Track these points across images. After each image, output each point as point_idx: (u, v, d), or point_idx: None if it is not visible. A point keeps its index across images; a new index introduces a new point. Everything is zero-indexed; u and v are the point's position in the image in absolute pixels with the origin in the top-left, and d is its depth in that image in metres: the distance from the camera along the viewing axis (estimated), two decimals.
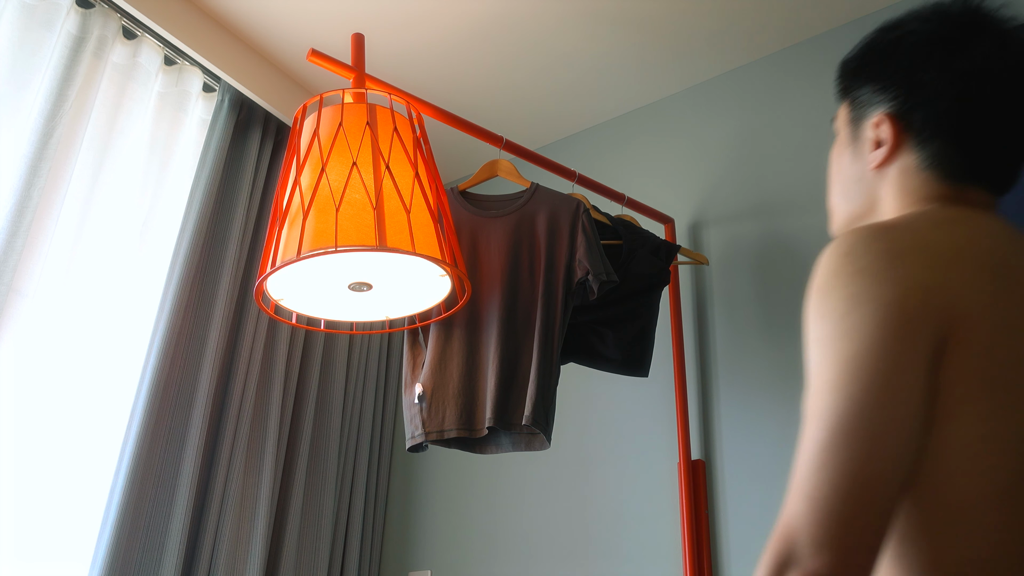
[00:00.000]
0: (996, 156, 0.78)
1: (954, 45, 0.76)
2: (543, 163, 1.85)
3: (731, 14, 2.11)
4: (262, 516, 2.05)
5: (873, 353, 0.62)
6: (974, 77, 0.75)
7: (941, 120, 0.77)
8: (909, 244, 0.67)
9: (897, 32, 0.80)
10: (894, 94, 0.80)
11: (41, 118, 1.77)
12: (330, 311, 1.52)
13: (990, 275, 0.66)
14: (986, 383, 0.62)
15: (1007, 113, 0.76)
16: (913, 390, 0.61)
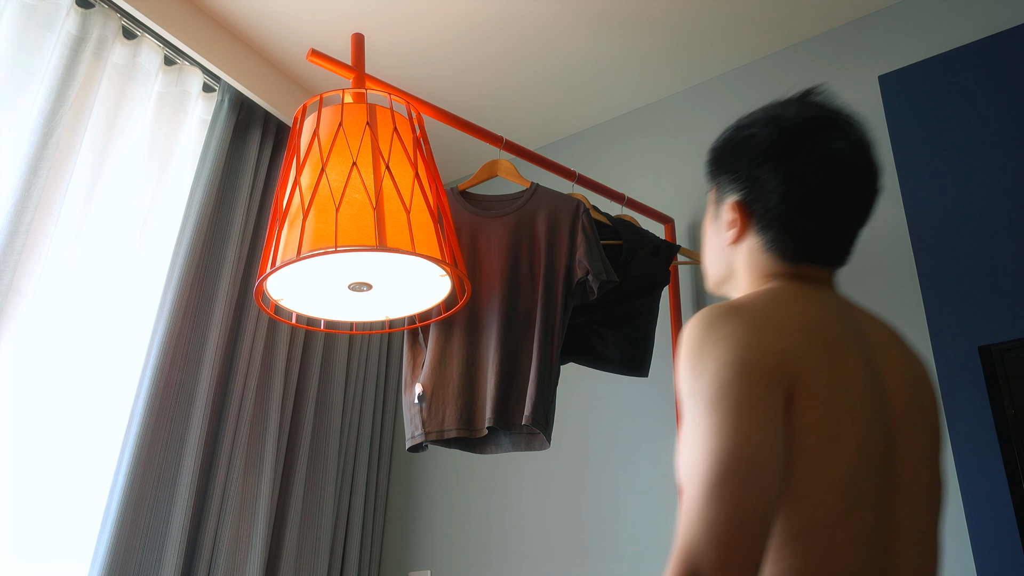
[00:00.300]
0: (824, 243, 0.92)
1: (785, 149, 0.90)
2: (543, 163, 1.85)
3: (731, 14, 2.11)
4: (262, 516, 2.05)
5: (745, 405, 0.75)
6: (800, 178, 0.89)
7: (774, 213, 0.92)
8: (760, 318, 0.81)
9: (746, 132, 0.95)
10: (740, 186, 0.95)
11: (41, 118, 1.77)
12: (330, 311, 1.52)
13: (820, 344, 0.81)
14: (822, 432, 0.77)
15: (830, 208, 0.90)
16: (776, 432, 0.75)
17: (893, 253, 1.85)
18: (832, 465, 0.76)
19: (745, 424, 0.73)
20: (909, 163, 1.71)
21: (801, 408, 0.77)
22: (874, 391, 0.84)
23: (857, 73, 2.06)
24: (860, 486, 0.78)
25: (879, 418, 0.83)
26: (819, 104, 0.94)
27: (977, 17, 1.90)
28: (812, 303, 0.86)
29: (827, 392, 0.79)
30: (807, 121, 0.91)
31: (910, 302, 1.80)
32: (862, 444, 0.79)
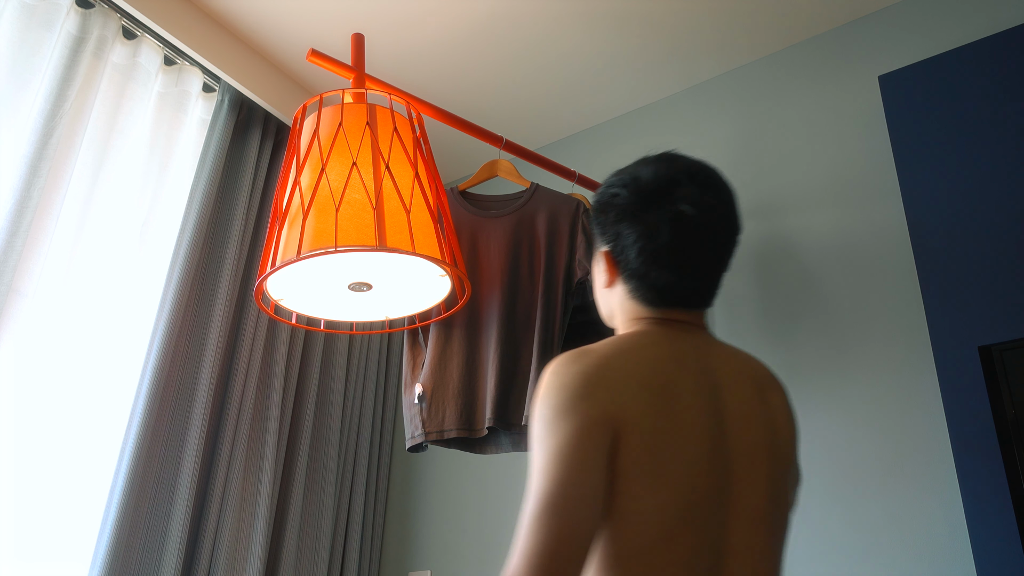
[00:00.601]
0: (679, 292, 1.02)
1: (639, 210, 1.01)
2: (543, 163, 1.85)
3: (731, 14, 2.11)
4: (262, 516, 2.05)
5: (569, 449, 0.86)
6: (652, 237, 1.00)
7: (633, 266, 1.03)
8: (595, 370, 0.91)
9: (612, 191, 1.06)
10: (608, 239, 1.06)
11: (41, 118, 1.77)
12: (330, 311, 1.52)
13: (651, 391, 0.91)
14: (643, 469, 0.88)
15: (681, 263, 1.00)
16: (596, 474, 0.85)
17: (893, 253, 1.85)
18: (654, 497, 0.87)
19: (564, 467, 0.85)
20: (909, 163, 1.71)
21: (625, 449, 0.88)
22: (711, 429, 0.94)
23: (857, 73, 2.06)
24: (685, 515, 0.88)
25: (715, 453, 0.93)
26: (672, 166, 1.03)
27: (977, 17, 1.90)
28: (660, 349, 0.97)
29: (651, 434, 0.89)
30: (658, 183, 1.01)
31: (910, 302, 1.80)
32: (688, 478, 0.89)
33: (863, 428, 1.77)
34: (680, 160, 1.04)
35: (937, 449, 1.66)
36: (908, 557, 1.63)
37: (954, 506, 1.61)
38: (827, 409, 1.83)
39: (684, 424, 0.91)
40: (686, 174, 1.02)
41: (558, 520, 0.82)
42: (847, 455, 1.77)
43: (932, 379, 1.71)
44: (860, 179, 1.96)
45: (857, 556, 1.69)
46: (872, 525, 1.69)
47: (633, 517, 0.87)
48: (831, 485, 1.77)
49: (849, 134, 2.02)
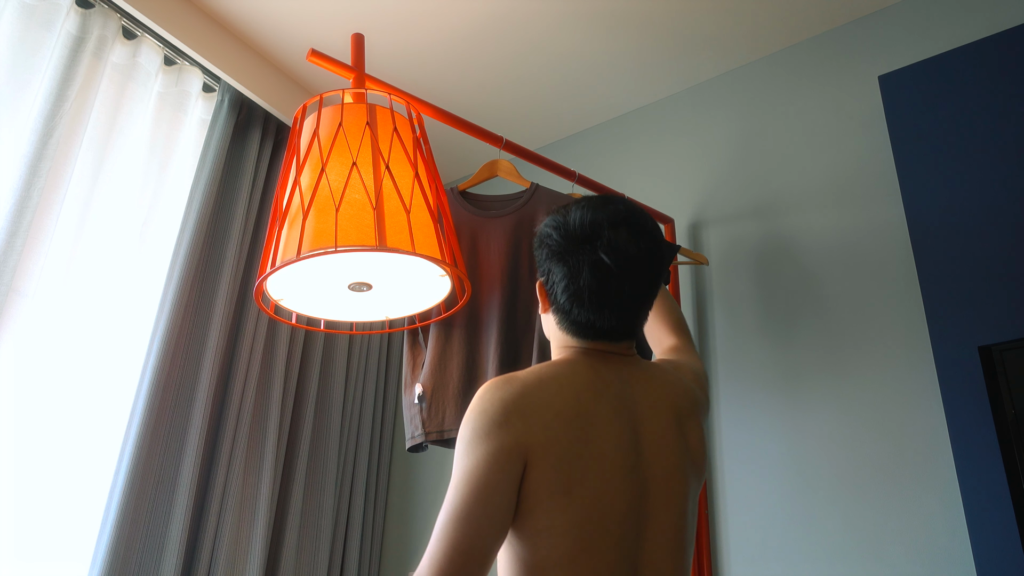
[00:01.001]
0: (599, 328, 1.10)
1: (564, 253, 1.10)
2: (543, 163, 1.84)
3: (731, 14, 2.11)
4: (262, 516, 2.05)
5: (479, 470, 0.97)
6: (574, 278, 1.08)
7: (559, 302, 1.11)
8: (514, 399, 1.01)
9: (547, 230, 1.13)
10: (542, 273, 1.15)
11: (41, 118, 1.77)
12: (330, 311, 1.52)
13: (562, 423, 1.00)
14: (552, 491, 0.97)
15: (600, 304, 1.08)
16: (500, 496, 0.95)
17: (893, 253, 1.85)
18: (565, 515, 0.97)
19: (472, 487, 0.95)
20: (909, 163, 1.71)
21: (536, 473, 0.98)
22: (626, 455, 1.03)
23: (857, 73, 2.06)
24: (600, 532, 0.98)
25: (631, 477, 1.03)
26: (598, 213, 1.10)
27: (977, 17, 1.90)
28: (580, 379, 1.06)
29: (561, 459, 0.98)
30: (582, 230, 1.09)
31: (910, 302, 1.80)
32: (600, 499, 0.99)
33: (863, 428, 1.77)
34: (608, 207, 1.11)
35: (937, 449, 1.66)
36: (908, 557, 1.63)
37: (954, 506, 1.61)
38: (827, 409, 1.83)
39: (597, 450, 1.01)
40: (609, 222, 1.09)
41: (461, 533, 0.93)
42: (847, 455, 1.77)
43: (932, 379, 1.71)
44: (860, 179, 1.96)
45: (857, 556, 1.69)
46: (872, 525, 1.69)
47: (546, 532, 0.97)
48: (831, 485, 1.77)
49: (849, 134, 2.02)
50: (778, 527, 1.81)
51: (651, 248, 1.11)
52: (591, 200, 1.14)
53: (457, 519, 0.94)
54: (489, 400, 1.02)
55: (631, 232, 1.09)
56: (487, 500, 0.95)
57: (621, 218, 1.10)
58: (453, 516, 0.95)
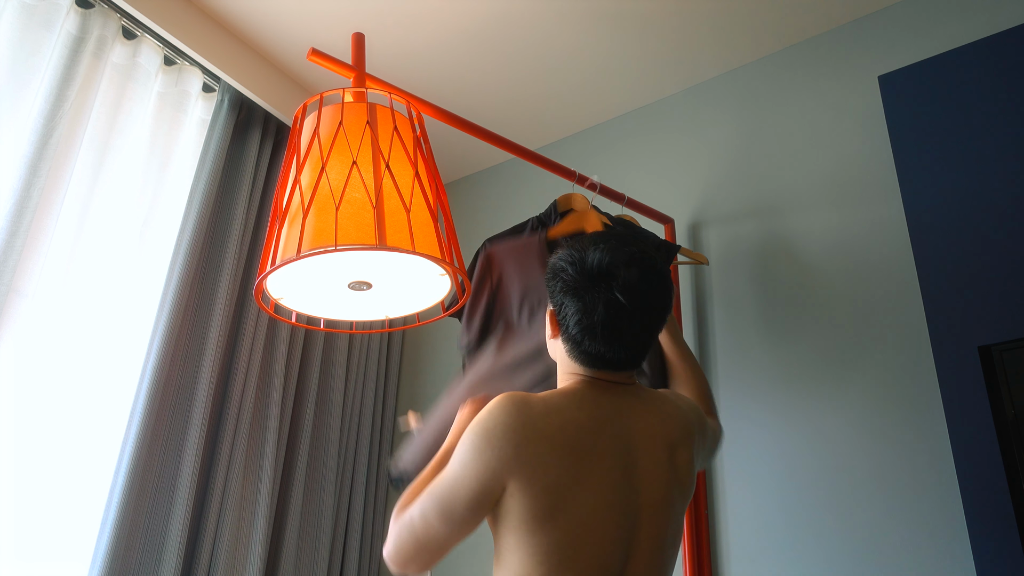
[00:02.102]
0: (608, 360, 1.18)
1: (579, 290, 1.17)
2: (543, 163, 1.84)
3: (731, 14, 2.11)
4: (262, 516, 2.05)
5: (458, 481, 1.09)
6: (588, 314, 1.16)
7: (571, 334, 1.18)
8: (515, 423, 1.09)
9: (561, 265, 1.21)
10: (554, 303, 1.22)
11: (41, 118, 1.77)
12: (330, 310, 1.52)
13: (556, 455, 1.09)
14: (536, 516, 1.07)
15: (611, 339, 1.16)
16: (463, 505, 1.09)
17: (893, 253, 1.85)
18: (548, 537, 1.07)
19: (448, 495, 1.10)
20: (909, 163, 1.71)
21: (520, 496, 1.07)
22: (619, 484, 1.12)
23: (857, 73, 2.06)
24: (578, 555, 1.07)
25: (623, 504, 1.12)
26: (614, 255, 1.17)
27: (977, 17, 1.90)
28: (583, 413, 1.14)
29: (546, 488, 1.08)
30: (599, 269, 1.17)
31: (910, 302, 1.80)
32: (581, 525, 1.08)
33: (863, 428, 1.77)
34: (624, 249, 1.19)
35: (937, 449, 1.66)
36: (908, 557, 1.63)
37: (954, 506, 1.61)
38: (827, 409, 1.83)
39: (586, 482, 1.10)
40: (624, 263, 1.17)
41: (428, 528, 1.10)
42: (847, 455, 1.77)
43: (932, 379, 1.71)
44: (860, 179, 1.96)
45: (857, 556, 1.69)
46: (872, 525, 1.69)
47: (530, 553, 1.08)
48: (831, 485, 1.77)
49: (849, 134, 2.02)
50: (778, 527, 1.81)
51: (661, 289, 1.19)
52: (606, 240, 1.21)
53: (425, 515, 1.11)
54: (495, 420, 1.10)
55: (644, 273, 1.17)
56: (453, 509, 1.10)
57: (636, 259, 1.18)
58: (425, 511, 1.11)
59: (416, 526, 1.11)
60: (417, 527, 1.11)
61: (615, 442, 1.15)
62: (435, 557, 1.13)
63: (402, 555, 1.13)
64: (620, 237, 1.22)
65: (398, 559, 1.14)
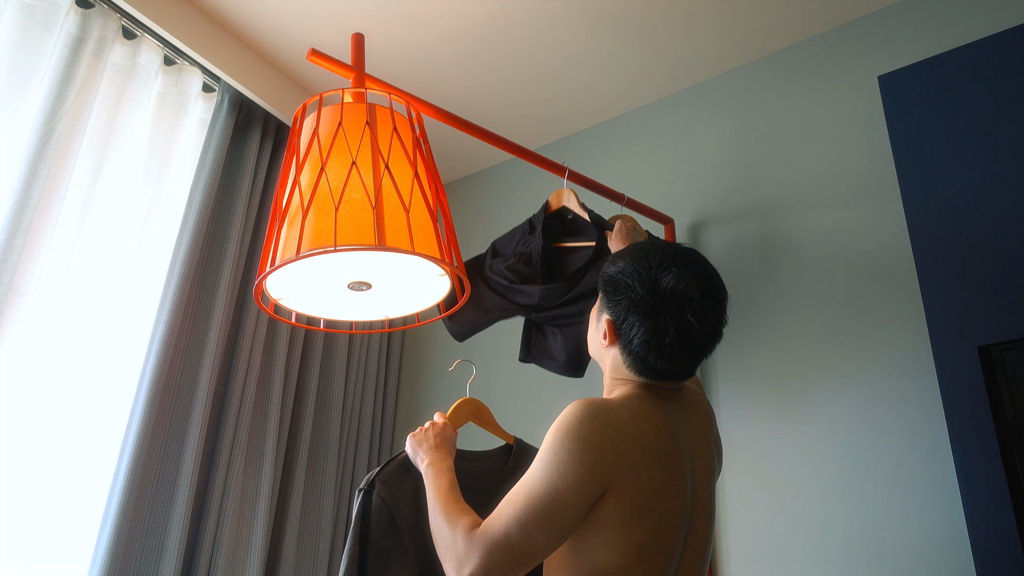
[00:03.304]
0: (669, 375, 1.20)
1: (651, 311, 1.17)
2: (535, 159, 1.84)
3: (730, 14, 2.11)
4: (262, 516, 2.05)
5: (561, 492, 1.09)
6: (658, 336, 1.16)
7: (634, 349, 1.19)
8: (609, 431, 1.12)
9: (627, 281, 1.20)
10: (615, 315, 1.22)
11: (41, 118, 1.77)
12: (330, 310, 1.52)
13: (645, 459, 1.13)
14: (625, 517, 1.10)
15: (676, 358, 1.18)
16: (570, 515, 1.09)
17: (893, 253, 1.85)
18: (632, 535, 1.11)
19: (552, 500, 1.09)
20: (909, 163, 1.71)
21: (614, 499, 1.10)
22: (686, 487, 1.18)
23: (857, 73, 2.06)
24: (656, 548, 1.12)
25: (685, 505, 1.17)
26: (687, 281, 1.17)
27: (977, 17, 1.90)
28: (657, 419, 1.18)
29: (638, 490, 1.11)
30: (674, 294, 1.16)
31: (910, 302, 1.79)
32: (661, 523, 1.13)
33: (862, 427, 1.77)
34: (691, 268, 1.19)
35: (937, 449, 1.66)
36: (908, 557, 1.63)
37: (954, 506, 1.61)
38: (826, 408, 1.83)
39: (666, 483, 1.14)
40: (700, 289, 1.18)
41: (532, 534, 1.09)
42: (847, 454, 1.77)
43: (932, 379, 1.71)
44: (860, 179, 1.96)
45: (857, 556, 1.69)
46: (872, 525, 1.69)
47: (614, 546, 1.11)
48: (831, 484, 1.77)
49: (849, 134, 2.02)
50: (778, 527, 1.81)
51: (725, 310, 1.23)
52: (674, 259, 1.20)
53: (525, 520, 1.09)
54: (588, 428, 1.11)
55: (716, 299, 1.20)
56: (557, 513, 1.09)
57: (706, 283, 1.19)
58: (525, 515, 1.09)
59: (514, 543, 1.09)
60: (516, 544, 1.09)
61: (681, 446, 1.20)
62: (529, 569, 1.11)
63: (498, 573, 1.09)
64: (689, 256, 1.22)
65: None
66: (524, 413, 2.38)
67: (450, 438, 1.44)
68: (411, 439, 1.44)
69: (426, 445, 1.40)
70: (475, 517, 1.17)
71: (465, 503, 1.23)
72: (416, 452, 1.40)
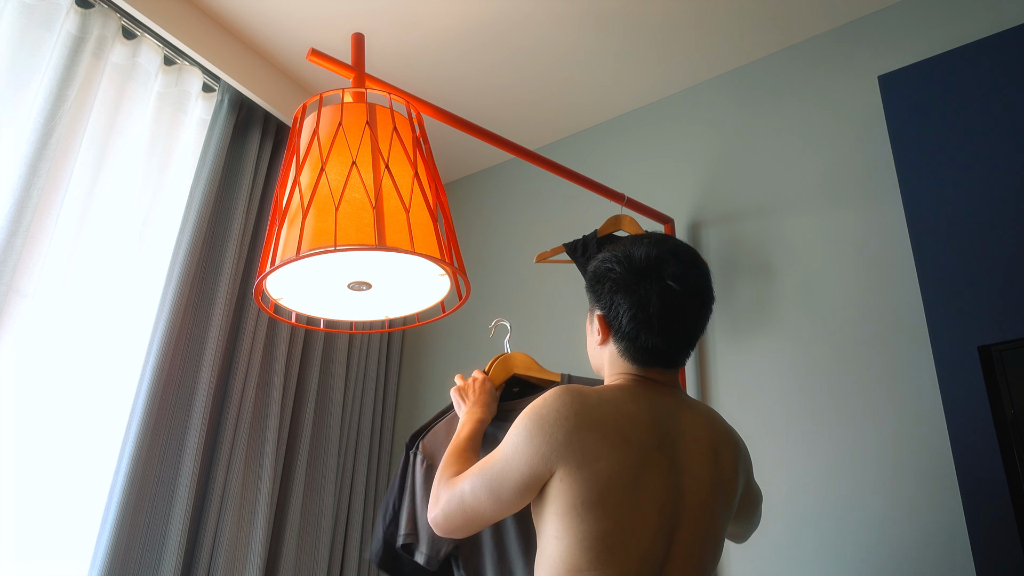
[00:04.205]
0: (662, 353, 1.22)
1: (632, 283, 1.20)
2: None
3: (731, 14, 2.11)
4: (262, 516, 2.05)
5: (509, 463, 1.15)
6: (643, 306, 1.19)
7: (625, 330, 1.21)
8: (568, 411, 1.14)
9: (607, 265, 1.24)
10: (603, 306, 1.25)
11: (41, 118, 1.77)
12: (330, 310, 1.52)
13: (608, 446, 1.12)
14: (585, 501, 1.10)
15: (665, 327, 1.20)
16: (511, 486, 1.15)
17: (893, 253, 1.85)
18: (597, 524, 1.10)
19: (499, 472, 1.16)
20: (909, 163, 1.71)
21: (571, 482, 1.11)
22: (667, 483, 1.15)
23: (857, 73, 2.06)
24: (624, 542, 1.10)
25: (667, 503, 1.14)
26: (661, 247, 1.22)
27: (977, 17, 1.90)
28: (637, 407, 1.18)
29: (596, 475, 1.11)
30: (648, 261, 1.21)
31: (910, 302, 1.80)
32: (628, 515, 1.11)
33: (862, 428, 1.77)
34: (667, 242, 1.24)
35: (937, 449, 1.66)
36: (908, 557, 1.63)
37: (954, 506, 1.61)
38: (826, 408, 1.83)
39: (640, 474, 1.13)
40: (672, 254, 1.21)
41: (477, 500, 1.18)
42: (847, 455, 1.77)
43: (932, 379, 1.71)
44: (860, 179, 1.96)
45: (857, 556, 1.69)
46: (871, 525, 1.69)
47: (579, 534, 1.10)
48: (831, 485, 1.77)
49: (849, 134, 2.02)
50: (778, 527, 1.81)
51: (707, 278, 1.25)
52: (648, 237, 1.26)
53: (475, 487, 1.18)
54: (548, 407, 1.15)
55: (692, 263, 1.22)
56: (501, 486, 1.16)
57: (682, 250, 1.23)
58: (476, 483, 1.18)
59: (466, 499, 1.19)
60: (467, 500, 1.19)
61: (665, 440, 1.18)
62: (480, 528, 1.21)
63: (450, 523, 1.22)
64: (662, 235, 1.27)
65: (446, 525, 1.23)
66: None
67: (490, 391, 1.53)
68: (454, 394, 1.55)
69: (469, 400, 1.51)
70: (461, 469, 1.26)
71: (471, 455, 1.32)
72: (459, 405, 1.53)
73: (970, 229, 1.59)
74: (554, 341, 2.39)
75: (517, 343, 2.48)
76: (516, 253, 2.64)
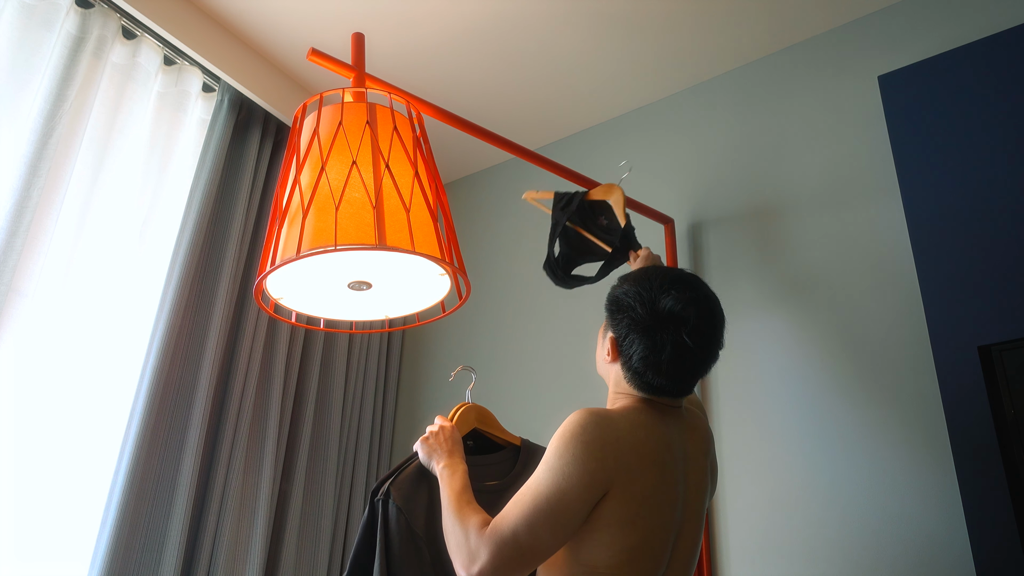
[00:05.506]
0: (668, 390, 1.28)
1: (650, 329, 1.25)
2: (544, 163, 1.84)
3: (731, 14, 2.11)
4: (262, 516, 2.05)
5: (566, 493, 1.16)
6: (656, 352, 1.24)
7: (635, 366, 1.27)
8: (610, 437, 1.19)
9: (629, 302, 1.28)
10: (617, 334, 1.30)
11: (41, 118, 1.77)
12: (330, 310, 1.52)
13: (643, 467, 1.19)
14: (621, 521, 1.17)
15: (673, 374, 1.25)
16: (573, 515, 1.16)
17: (893, 253, 1.85)
18: (627, 539, 1.17)
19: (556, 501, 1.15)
20: (909, 163, 1.71)
21: (613, 503, 1.17)
22: (679, 497, 1.24)
23: (857, 73, 2.06)
24: (645, 551, 1.18)
25: (674, 514, 1.23)
26: (682, 299, 1.25)
27: (977, 17, 1.90)
28: (657, 431, 1.25)
29: (634, 497, 1.18)
30: (671, 313, 1.24)
31: (910, 302, 1.80)
32: (652, 529, 1.19)
33: (862, 428, 1.77)
34: (690, 291, 1.27)
35: (937, 449, 1.66)
36: (908, 557, 1.63)
37: (954, 506, 1.61)
38: (826, 408, 1.83)
39: (660, 492, 1.21)
40: (693, 305, 1.25)
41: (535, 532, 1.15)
42: (846, 455, 1.77)
43: (932, 379, 1.71)
44: (860, 179, 1.96)
45: (857, 556, 1.69)
46: (872, 525, 1.69)
47: (608, 547, 1.17)
48: (830, 484, 1.77)
49: (849, 134, 2.02)
50: (777, 527, 1.81)
51: (721, 330, 1.30)
52: (675, 283, 1.28)
53: (531, 520, 1.15)
54: (592, 434, 1.18)
55: (709, 317, 1.26)
56: (560, 514, 1.15)
57: (702, 304, 1.27)
58: (530, 515, 1.15)
59: (522, 541, 1.15)
60: (523, 542, 1.15)
61: (677, 459, 1.27)
62: (534, 567, 1.18)
63: (506, 570, 1.16)
64: (687, 280, 1.30)
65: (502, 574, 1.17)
66: (525, 418, 2.38)
67: (459, 441, 1.49)
68: (423, 444, 1.48)
69: (440, 449, 1.45)
70: (486, 516, 1.21)
71: (476, 503, 1.28)
72: (431, 457, 1.45)
73: (970, 229, 1.59)
74: (554, 341, 2.40)
75: (517, 342, 2.48)
76: (516, 253, 2.64)
